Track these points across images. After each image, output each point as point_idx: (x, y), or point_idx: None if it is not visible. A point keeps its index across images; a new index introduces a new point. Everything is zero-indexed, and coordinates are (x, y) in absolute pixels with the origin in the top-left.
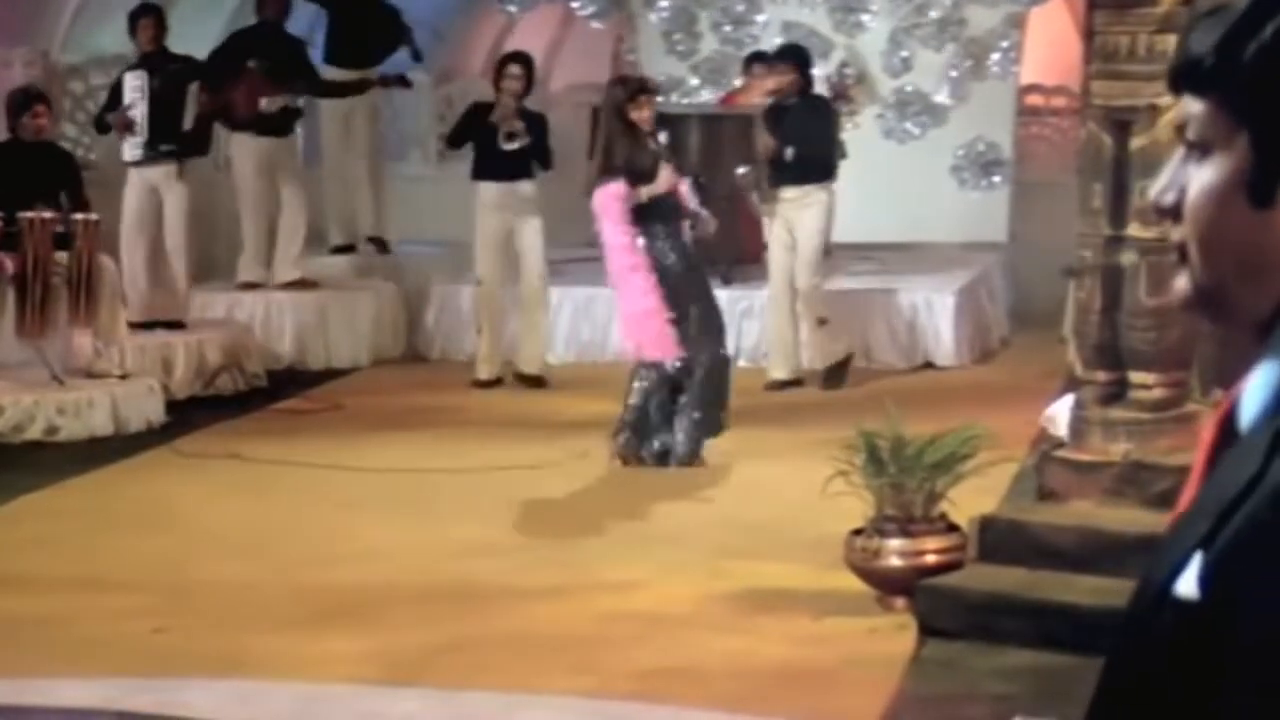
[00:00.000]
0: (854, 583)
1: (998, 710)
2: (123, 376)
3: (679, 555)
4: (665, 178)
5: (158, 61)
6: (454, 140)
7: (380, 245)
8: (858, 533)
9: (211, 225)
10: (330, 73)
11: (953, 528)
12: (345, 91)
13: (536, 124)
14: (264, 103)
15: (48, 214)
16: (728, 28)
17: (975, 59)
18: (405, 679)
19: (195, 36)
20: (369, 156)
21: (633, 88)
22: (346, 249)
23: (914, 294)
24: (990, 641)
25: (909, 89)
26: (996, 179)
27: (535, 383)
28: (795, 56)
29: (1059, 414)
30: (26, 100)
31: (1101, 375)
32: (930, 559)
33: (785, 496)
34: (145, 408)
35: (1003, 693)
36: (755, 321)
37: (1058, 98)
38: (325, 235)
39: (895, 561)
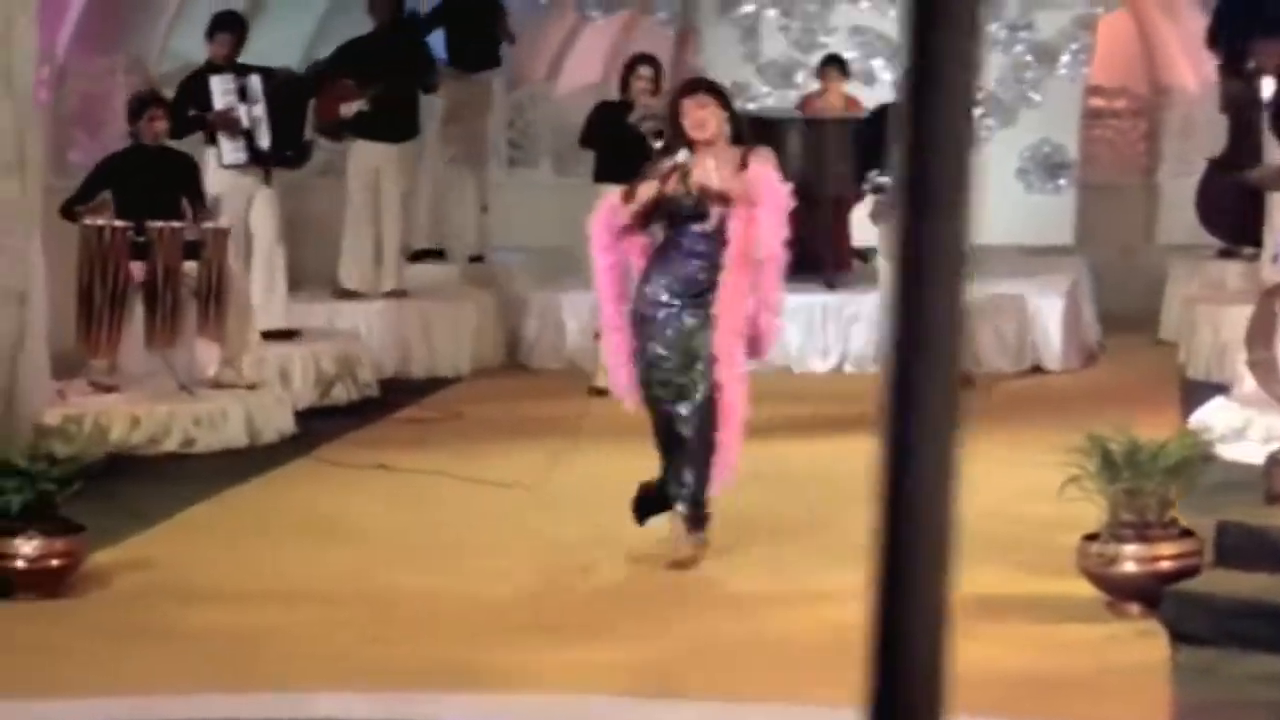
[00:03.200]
0: (1071, 587)
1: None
2: (250, 387)
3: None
4: None
5: (241, 70)
6: (587, 140)
7: (477, 259)
8: (1091, 538)
9: (301, 232)
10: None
11: (1186, 533)
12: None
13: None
14: (343, 109)
15: (177, 223)
16: (796, 32)
17: (1044, 61)
18: (658, 689)
19: (284, 41)
20: (473, 163)
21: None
22: (434, 254)
23: (1021, 297)
24: (1241, 647)
25: (978, 92)
26: (1062, 181)
27: None
28: None
29: (1209, 419)
30: (142, 104)
31: None
32: (1165, 565)
33: (973, 498)
34: (277, 418)
35: (1275, 699)
36: (863, 325)
37: (1119, 99)
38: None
39: (1131, 567)
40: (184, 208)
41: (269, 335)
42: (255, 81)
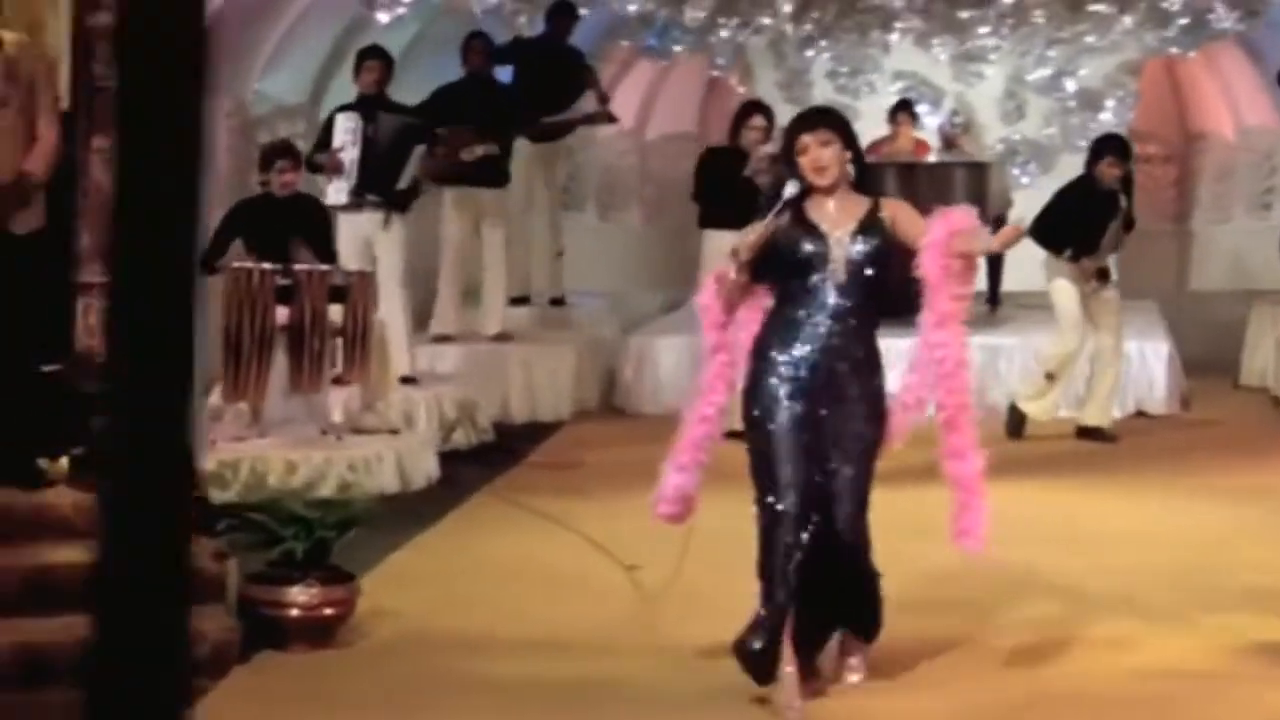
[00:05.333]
0: None
1: None
2: (393, 431)
3: (1135, 609)
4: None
5: (375, 105)
6: (702, 193)
7: (557, 302)
8: None
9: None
10: None
11: None
12: (557, 133)
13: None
14: (464, 154)
15: (324, 267)
16: (843, 77)
17: (1089, 107)
18: None
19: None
20: (550, 209)
21: None
22: (520, 300)
23: (1125, 342)
24: None
25: (1018, 137)
26: None
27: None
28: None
29: None
30: (271, 156)
31: None
32: None
33: (1174, 544)
34: (424, 463)
35: None
36: None
37: (1150, 145)
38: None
39: None
40: (304, 252)
41: None
42: (359, 123)
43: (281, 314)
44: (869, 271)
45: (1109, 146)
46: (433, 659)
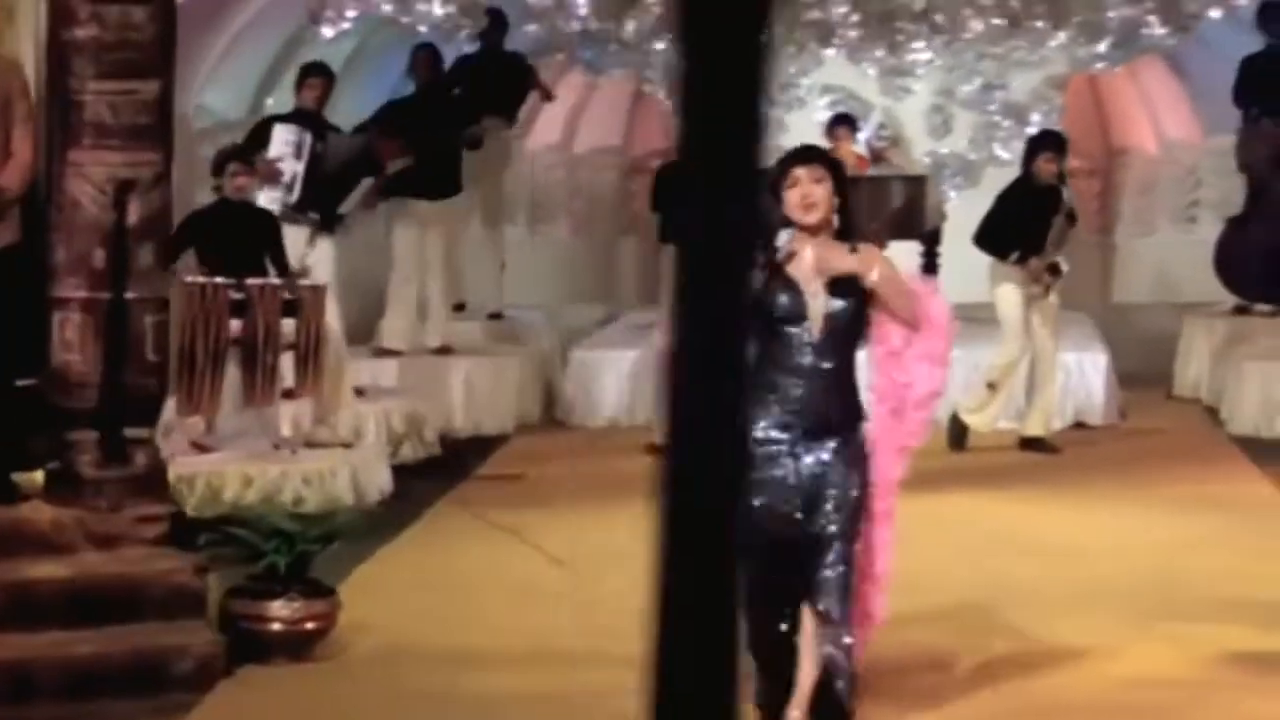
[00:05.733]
0: None
1: None
2: (346, 445)
3: (1108, 619)
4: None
5: (314, 122)
6: (660, 208)
7: (495, 316)
8: None
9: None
10: None
11: None
12: (475, 143)
13: None
14: (390, 166)
15: (276, 280)
16: (773, 89)
17: (1015, 121)
18: None
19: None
20: (491, 221)
21: None
22: (458, 307)
23: (1063, 353)
24: None
25: (945, 151)
26: None
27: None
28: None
29: None
30: (224, 160)
31: None
32: None
33: (1132, 554)
34: (378, 476)
35: None
36: None
37: (1073, 158)
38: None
39: None
40: (267, 264)
41: None
42: (308, 139)
43: (234, 327)
44: (845, 324)
45: (1045, 143)
46: (414, 671)
